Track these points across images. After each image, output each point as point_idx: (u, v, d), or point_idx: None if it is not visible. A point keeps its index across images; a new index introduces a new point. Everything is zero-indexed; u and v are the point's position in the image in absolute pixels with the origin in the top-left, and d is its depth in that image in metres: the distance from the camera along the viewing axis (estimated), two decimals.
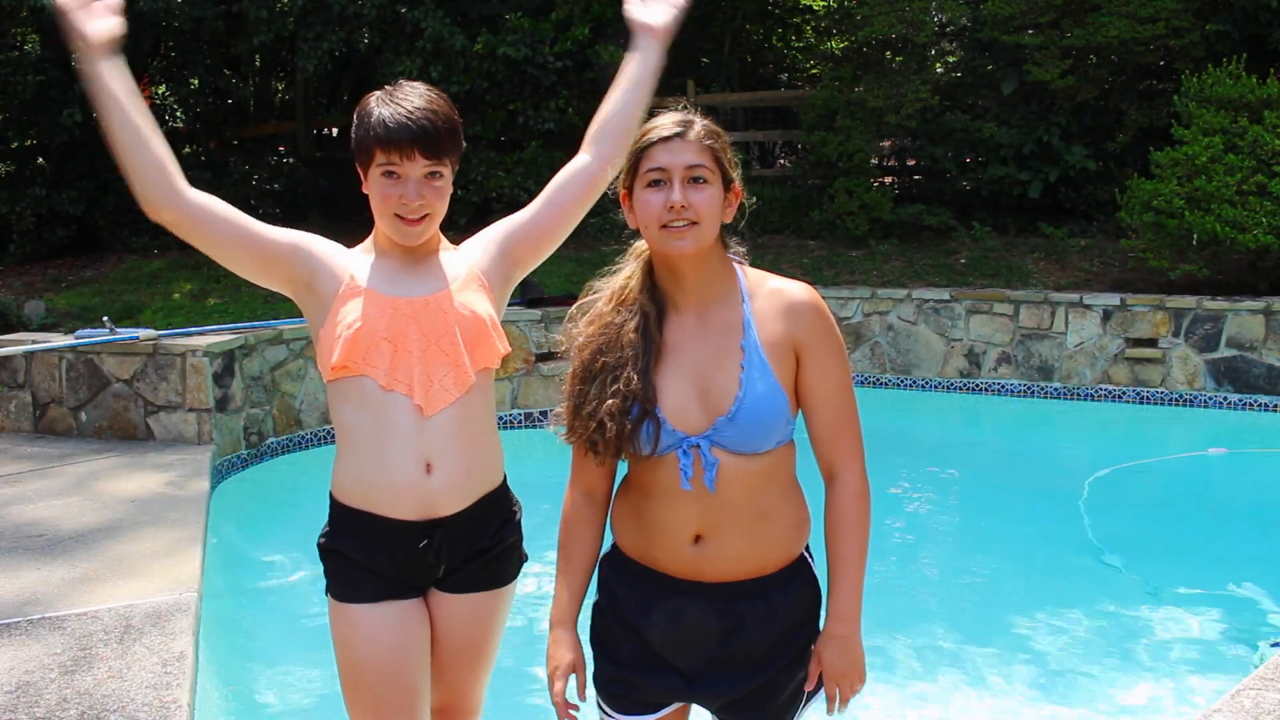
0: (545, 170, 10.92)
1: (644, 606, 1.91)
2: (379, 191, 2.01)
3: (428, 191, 2.01)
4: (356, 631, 2.06)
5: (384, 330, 2.01)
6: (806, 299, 1.87)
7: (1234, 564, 5.06)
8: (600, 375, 1.83)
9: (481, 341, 2.07)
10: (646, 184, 1.82)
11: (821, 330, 1.86)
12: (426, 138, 1.96)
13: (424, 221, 2.03)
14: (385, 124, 1.96)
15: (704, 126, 1.85)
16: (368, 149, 2.00)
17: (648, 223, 1.83)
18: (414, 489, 2.03)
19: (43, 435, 6.26)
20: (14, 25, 12.22)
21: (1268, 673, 2.67)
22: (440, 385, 2.03)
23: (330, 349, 2.03)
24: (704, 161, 1.82)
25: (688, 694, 1.94)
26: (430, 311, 2.05)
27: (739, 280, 1.90)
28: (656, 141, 1.82)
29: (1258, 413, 7.77)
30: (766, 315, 1.86)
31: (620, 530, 1.98)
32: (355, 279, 2.06)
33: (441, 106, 2.02)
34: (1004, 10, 10.00)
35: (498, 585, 2.17)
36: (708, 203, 1.81)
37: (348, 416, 2.06)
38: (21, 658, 3.05)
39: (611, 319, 1.88)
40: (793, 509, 1.91)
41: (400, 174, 1.99)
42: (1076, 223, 10.38)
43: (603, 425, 1.80)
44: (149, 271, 10.83)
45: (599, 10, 11.34)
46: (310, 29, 10.84)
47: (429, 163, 1.99)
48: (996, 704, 3.69)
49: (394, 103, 1.98)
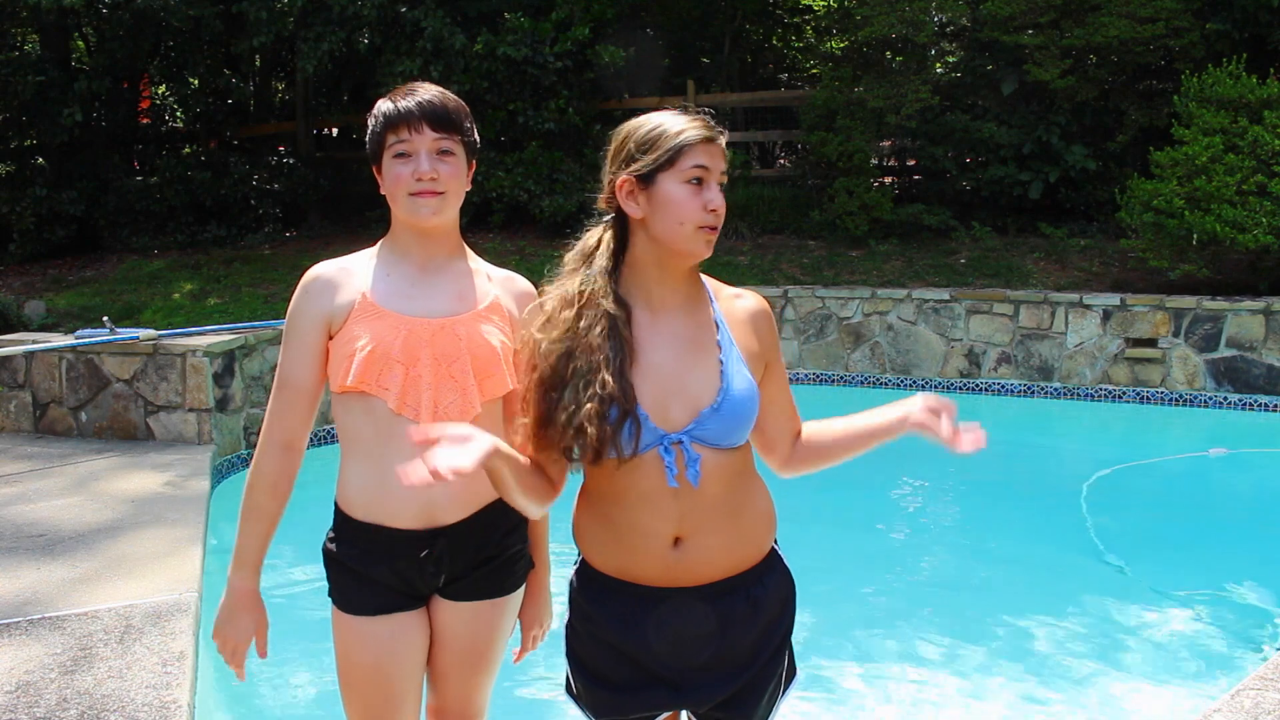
0: (545, 170, 11.00)
1: (625, 623, 1.88)
2: (392, 175, 2.03)
3: (440, 166, 2.02)
4: (351, 642, 2.10)
5: (398, 352, 2.01)
6: (766, 308, 1.99)
7: (1234, 564, 5.06)
8: (572, 381, 1.78)
9: (492, 373, 2.06)
10: (687, 179, 1.81)
11: (776, 333, 1.99)
12: (434, 111, 2.01)
13: (438, 197, 2.03)
14: (395, 108, 2.02)
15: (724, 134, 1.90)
16: (379, 138, 2.04)
17: (684, 219, 1.80)
18: (416, 498, 2.02)
19: (43, 435, 6.26)
20: (14, 25, 12.22)
21: (1268, 673, 2.67)
22: (446, 412, 2.02)
23: (341, 366, 2.03)
24: (726, 169, 1.87)
25: (678, 702, 1.93)
26: (445, 335, 2.04)
27: (703, 282, 1.95)
28: (700, 141, 1.81)
29: (1258, 413, 7.77)
30: (734, 321, 1.92)
31: (588, 544, 1.93)
32: (368, 296, 2.05)
33: (446, 93, 2.08)
34: (1004, 10, 10.00)
35: (502, 593, 2.16)
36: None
37: (353, 427, 2.06)
38: (21, 658, 3.05)
39: (574, 324, 1.82)
40: (762, 501, 1.94)
41: (410, 151, 2.01)
42: (1076, 223, 10.38)
43: (583, 430, 1.75)
44: (149, 271, 10.84)
45: (599, 10, 11.34)
46: (310, 29, 10.84)
47: (437, 135, 2.01)
48: (997, 703, 3.69)
49: (400, 95, 2.05)
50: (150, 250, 11.63)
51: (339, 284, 2.08)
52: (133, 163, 13.32)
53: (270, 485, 2.08)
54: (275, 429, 2.09)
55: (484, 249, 9.83)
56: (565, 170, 11.00)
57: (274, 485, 2.08)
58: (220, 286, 10.14)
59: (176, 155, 13.40)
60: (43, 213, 11.32)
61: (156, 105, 14.37)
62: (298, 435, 2.10)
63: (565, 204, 10.82)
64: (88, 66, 12.34)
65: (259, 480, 2.09)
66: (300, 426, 2.10)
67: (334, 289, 2.07)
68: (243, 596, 2.10)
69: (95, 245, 11.90)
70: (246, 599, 2.11)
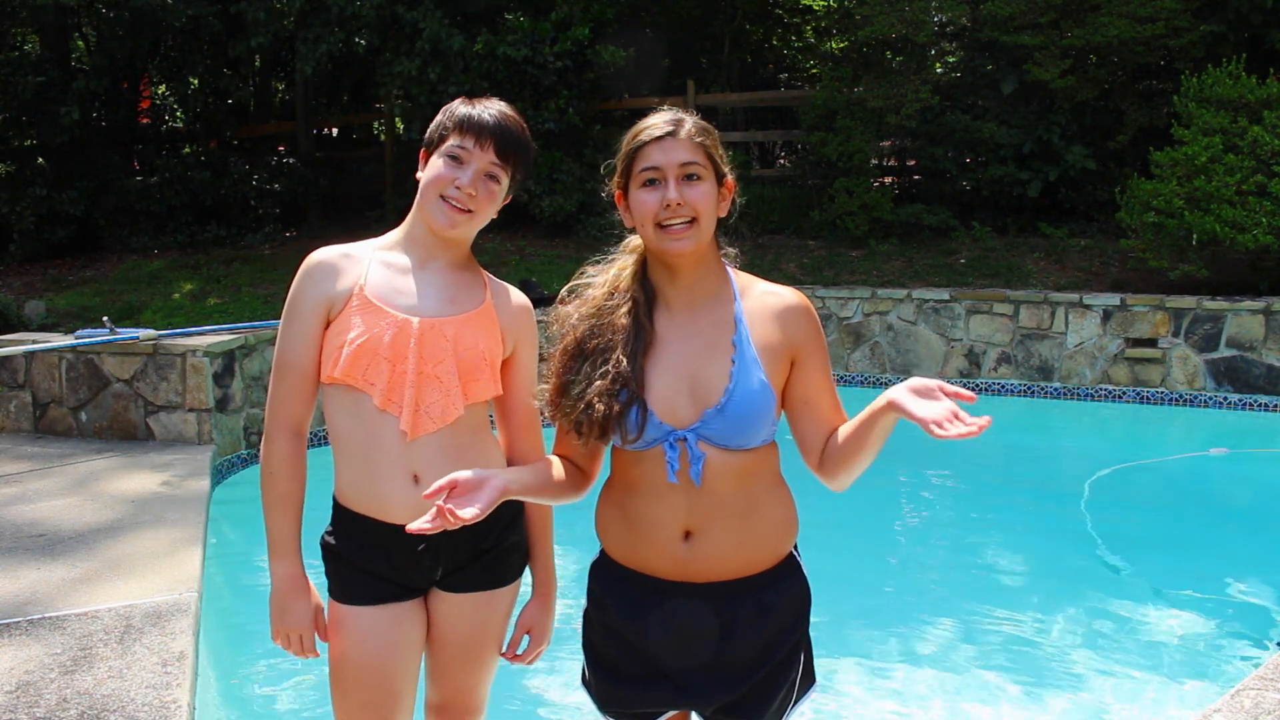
0: (545, 170, 10.99)
1: (632, 610, 1.90)
2: (435, 170, 2.04)
3: (481, 187, 2.03)
4: (347, 632, 2.09)
5: (386, 349, 2.01)
6: (800, 303, 1.92)
7: (1234, 564, 5.06)
8: (591, 356, 1.84)
9: (477, 378, 2.08)
10: (641, 184, 1.83)
11: (815, 332, 1.91)
12: (506, 133, 2.04)
13: (466, 215, 2.04)
14: (473, 114, 2.04)
15: (694, 124, 1.86)
16: (444, 132, 2.05)
17: (644, 221, 1.84)
18: (403, 497, 2.03)
19: (43, 435, 6.25)
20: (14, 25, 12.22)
21: (1267, 673, 2.67)
22: (427, 412, 2.03)
23: (331, 355, 2.04)
24: (697, 159, 1.84)
25: (682, 701, 1.94)
26: (434, 335, 2.05)
27: (730, 280, 1.93)
28: (650, 141, 1.83)
29: (1258, 413, 7.77)
30: (759, 317, 1.89)
31: (606, 534, 1.97)
32: (364, 289, 2.06)
33: (523, 124, 2.11)
34: (1004, 10, 10.00)
35: (499, 585, 2.17)
36: (704, 199, 1.83)
37: (340, 424, 2.07)
38: (21, 658, 3.05)
39: (604, 303, 1.89)
40: (780, 507, 1.93)
41: (465, 160, 2.02)
42: (1076, 223, 10.38)
43: (591, 406, 1.80)
44: (149, 271, 10.84)
45: (599, 10, 11.34)
46: (309, 30, 10.83)
47: (496, 160, 2.03)
48: (996, 703, 3.69)
49: (481, 104, 2.07)
50: (150, 250, 11.63)
51: (341, 270, 2.08)
52: (133, 163, 13.32)
53: (289, 471, 2.07)
54: (281, 414, 2.08)
55: (484, 249, 9.84)
56: (565, 170, 11.00)
57: (292, 469, 2.07)
58: (220, 286, 10.13)
59: (176, 155, 13.41)
60: (43, 213, 11.31)
61: (156, 105, 14.38)
62: (303, 420, 2.10)
63: (565, 204, 10.82)
64: (87, 66, 12.34)
65: (277, 468, 2.07)
66: (305, 410, 2.09)
67: (336, 274, 2.08)
68: (290, 583, 2.08)
69: (95, 245, 11.89)
70: (295, 584, 2.08)
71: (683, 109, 1.92)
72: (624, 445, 1.84)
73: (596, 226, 10.44)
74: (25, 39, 13.16)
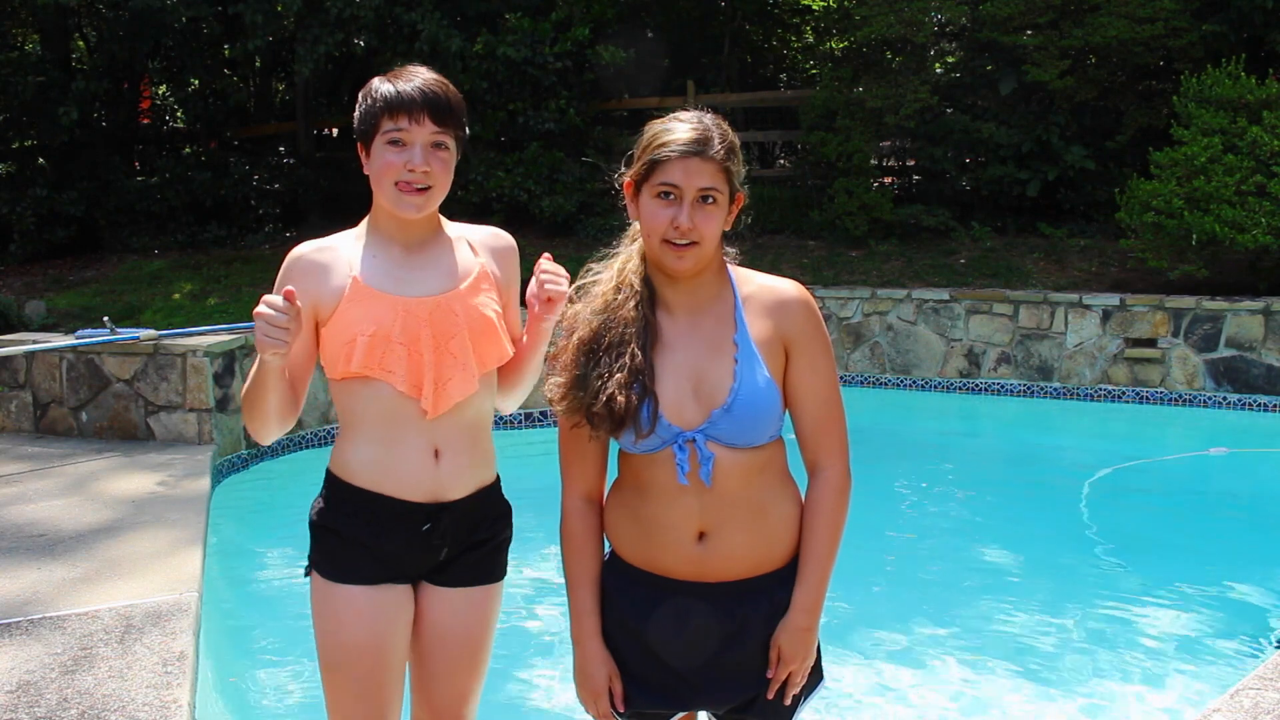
0: (545, 170, 11.00)
1: (642, 608, 1.90)
2: (382, 161, 2.00)
3: (433, 160, 2.00)
4: (348, 612, 2.05)
5: (399, 335, 2.01)
6: (796, 295, 1.90)
7: (1234, 563, 5.07)
8: (605, 351, 1.84)
9: (490, 343, 2.09)
10: (656, 194, 1.81)
11: (811, 326, 1.89)
12: (437, 102, 1.98)
13: (425, 194, 2.02)
14: (395, 92, 1.98)
15: (721, 142, 1.82)
16: (374, 119, 2.00)
17: (650, 232, 1.83)
18: (424, 473, 2.04)
19: (43, 435, 6.26)
20: (14, 25, 12.23)
21: (1267, 672, 2.67)
22: (447, 389, 2.04)
23: (340, 353, 2.03)
24: (716, 184, 1.81)
25: (695, 701, 1.94)
26: (442, 313, 2.05)
27: (729, 278, 1.92)
28: (676, 157, 1.79)
29: (1257, 413, 7.78)
30: (756, 311, 1.88)
31: (616, 535, 1.96)
32: (359, 280, 2.05)
33: (447, 84, 2.05)
34: (1003, 10, 10.00)
35: (490, 580, 2.17)
36: (712, 224, 1.81)
37: (358, 409, 2.06)
38: (22, 658, 3.05)
39: (612, 297, 1.89)
40: (791, 504, 1.92)
41: (406, 140, 1.98)
42: (1076, 223, 10.38)
43: (613, 398, 1.79)
44: (149, 271, 10.84)
45: (599, 10, 11.34)
46: (308, 31, 10.83)
47: (436, 129, 1.99)
48: (995, 703, 3.69)
49: (402, 79, 2.01)
50: (150, 250, 11.63)
51: (325, 266, 2.07)
52: (133, 163, 13.32)
53: (279, 424, 2.06)
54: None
55: None
56: (565, 170, 11.00)
57: (281, 421, 2.06)
58: (220, 286, 10.14)
59: (177, 156, 13.40)
60: (43, 213, 11.32)
61: (157, 106, 14.38)
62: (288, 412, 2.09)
63: (565, 204, 10.82)
64: (87, 66, 12.34)
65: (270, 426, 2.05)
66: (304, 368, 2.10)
67: (319, 272, 2.07)
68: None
69: (95, 245, 11.89)
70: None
71: (707, 113, 1.88)
72: (635, 443, 1.83)
73: (596, 226, 10.51)
74: (25, 39, 13.16)
